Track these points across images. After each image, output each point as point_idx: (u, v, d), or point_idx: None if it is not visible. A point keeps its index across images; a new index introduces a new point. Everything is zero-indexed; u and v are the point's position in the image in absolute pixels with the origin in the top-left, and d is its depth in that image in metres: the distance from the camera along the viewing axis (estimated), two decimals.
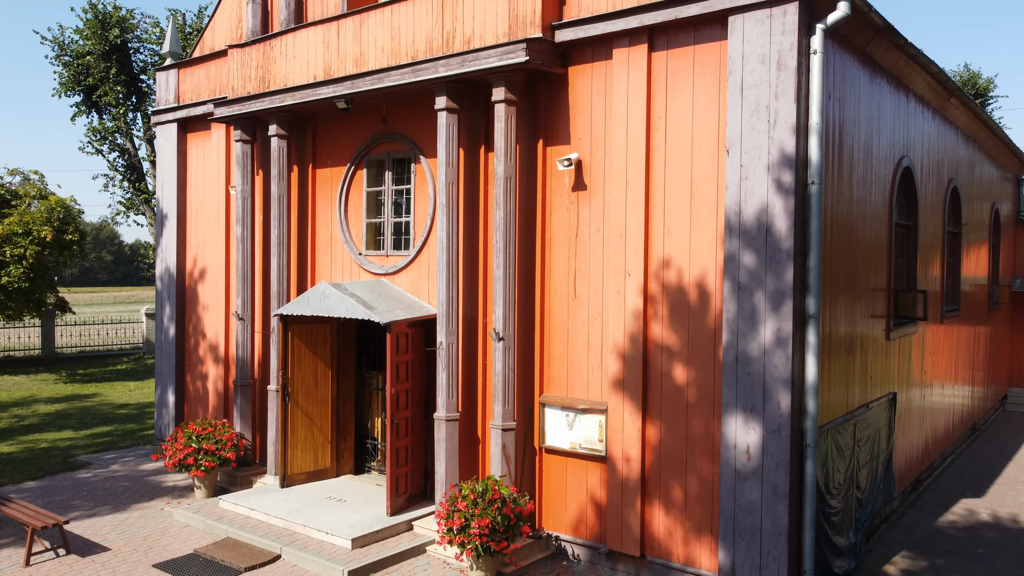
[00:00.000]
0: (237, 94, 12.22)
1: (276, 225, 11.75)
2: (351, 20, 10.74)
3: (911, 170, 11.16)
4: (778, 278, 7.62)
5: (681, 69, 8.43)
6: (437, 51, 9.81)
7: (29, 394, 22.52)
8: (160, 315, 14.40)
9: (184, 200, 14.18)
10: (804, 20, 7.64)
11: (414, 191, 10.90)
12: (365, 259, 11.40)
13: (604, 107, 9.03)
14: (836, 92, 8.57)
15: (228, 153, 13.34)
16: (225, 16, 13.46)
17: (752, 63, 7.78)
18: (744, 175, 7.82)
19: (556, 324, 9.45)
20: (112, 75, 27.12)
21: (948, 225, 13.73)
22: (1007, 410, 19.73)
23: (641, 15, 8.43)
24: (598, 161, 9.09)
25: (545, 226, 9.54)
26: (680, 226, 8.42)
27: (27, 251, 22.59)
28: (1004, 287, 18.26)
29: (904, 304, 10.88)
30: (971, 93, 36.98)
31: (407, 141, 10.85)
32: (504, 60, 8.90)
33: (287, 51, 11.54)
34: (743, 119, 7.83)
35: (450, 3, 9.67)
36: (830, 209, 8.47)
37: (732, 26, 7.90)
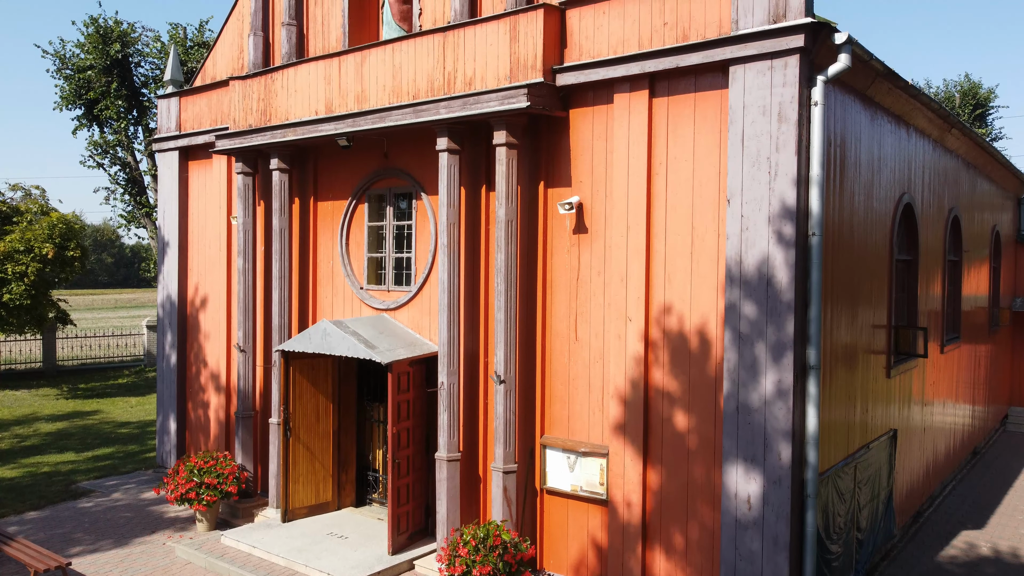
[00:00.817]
0: (239, 126, 12.23)
1: (278, 259, 11.77)
2: (352, 57, 10.76)
3: (912, 206, 11.17)
4: (779, 329, 7.64)
5: (682, 116, 8.44)
6: (439, 91, 9.83)
7: (31, 411, 22.55)
8: (161, 342, 14.43)
9: (186, 228, 14.20)
10: (805, 71, 7.65)
11: (415, 227, 10.91)
12: (366, 293, 11.42)
13: (605, 151, 9.05)
14: (836, 138, 8.58)
15: (230, 182, 13.36)
16: (226, 46, 13.49)
17: (753, 114, 7.79)
18: (745, 225, 7.83)
19: (557, 366, 9.47)
20: (113, 90, 27.15)
21: (949, 254, 13.74)
22: (1008, 430, 19.73)
23: (642, 62, 8.45)
24: (599, 204, 9.11)
25: (546, 267, 9.56)
26: (681, 273, 8.44)
27: (29, 268, 22.63)
28: (1004, 310, 18.27)
29: (904, 340, 10.89)
30: (971, 104, 37.05)
31: (408, 177, 10.87)
32: (505, 105, 8.92)
33: (288, 85, 11.56)
34: (744, 170, 7.84)
35: (451, 44, 9.69)
36: (831, 253, 8.49)
37: (733, 76, 7.92)
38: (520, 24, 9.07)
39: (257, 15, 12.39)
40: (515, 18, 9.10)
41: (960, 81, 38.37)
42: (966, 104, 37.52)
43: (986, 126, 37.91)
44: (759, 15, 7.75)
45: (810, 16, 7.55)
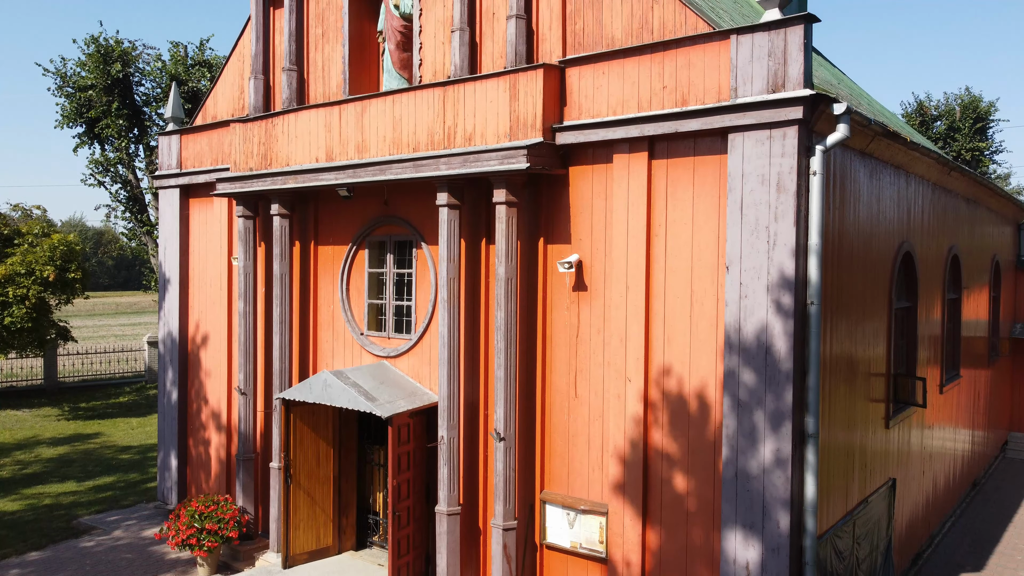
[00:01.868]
0: (239, 168, 12.27)
1: (278, 304, 11.80)
2: (353, 106, 10.79)
3: (911, 254, 11.20)
4: (778, 398, 7.66)
5: (681, 179, 8.47)
6: (439, 145, 9.86)
7: (32, 434, 22.60)
8: (163, 378, 14.46)
9: (186, 265, 14.23)
10: (804, 141, 7.68)
11: (415, 275, 10.95)
12: (367, 339, 11.45)
13: (605, 210, 9.08)
14: (836, 200, 8.61)
15: (230, 222, 13.40)
16: (227, 85, 13.52)
17: (752, 182, 7.82)
18: (744, 293, 7.86)
19: (557, 422, 9.50)
20: (114, 109, 27.18)
21: (948, 292, 13.76)
22: (1007, 456, 19.76)
23: (641, 125, 8.48)
24: (599, 263, 9.14)
25: (546, 323, 9.59)
26: (680, 335, 8.47)
27: (30, 291, 22.67)
28: (1004, 339, 18.29)
29: (903, 389, 10.92)
30: (972, 117, 37.05)
31: (408, 226, 10.90)
32: (505, 165, 8.95)
33: (289, 130, 11.59)
34: (743, 237, 7.87)
35: (451, 99, 9.72)
36: (831, 310, 8.52)
37: (732, 144, 7.94)
38: (520, 83, 9.10)
39: (258, 58, 12.43)
40: (515, 76, 9.13)
41: (961, 94, 38.35)
42: (966, 117, 37.50)
43: (986, 139, 37.90)
44: (758, 84, 7.77)
45: (809, 87, 7.58)
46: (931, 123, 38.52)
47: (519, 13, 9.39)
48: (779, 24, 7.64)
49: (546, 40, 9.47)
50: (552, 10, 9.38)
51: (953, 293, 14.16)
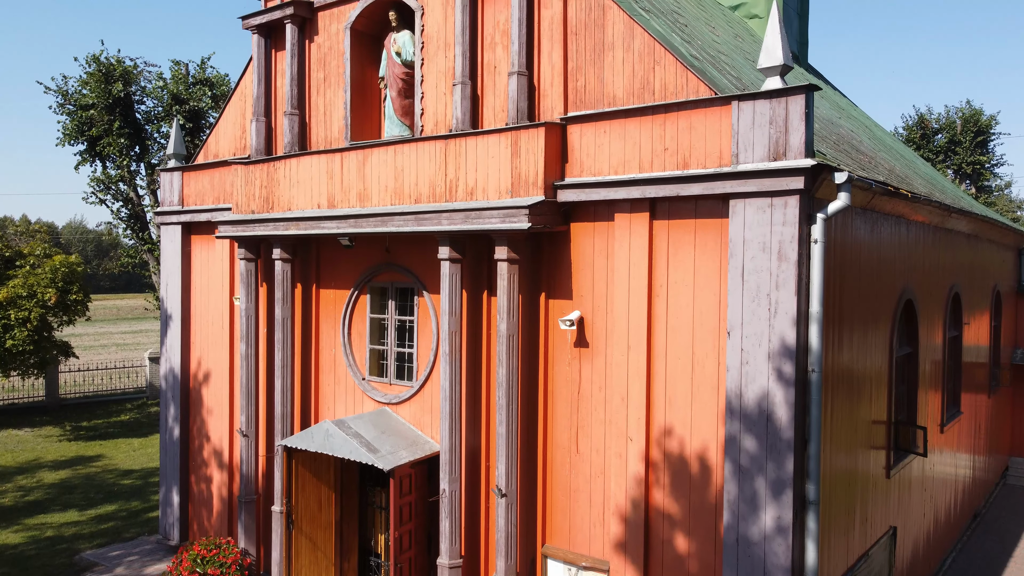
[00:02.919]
0: (241, 210, 12.29)
1: (280, 348, 11.82)
2: (354, 155, 10.81)
3: (912, 301, 11.21)
4: (779, 467, 7.68)
5: (683, 241, 8.49)
6: (440, 197, 9.88)
7: (34, 456, 22.63)
8: (164, 415, 14.49)
9: (188, 302, 14.26)
10: (805, 209, 7.69)
11: (417, 323, 10.96)
12: (368, 385, 11.47)
13: (606, 268, 9.09)
14: (836, 260, 8.63)
15: (232, 261, 13.42)
16: (229, 124, 13.53)
17: (753, 249, 7.83)
18: (745, 359, 7.88)
19: (559, 477, 9.52)
20: (115, 128, 27.21)
21: (949, 331, 13.77)
22: (1008, 483, 19.76)
23: (643, 187, 8.50)
24: (600, 320, 9.15)
25: (548, 378, 9.60)
26: (682, 397, 8.49)
27: (31, 313, 22.72)
28: (1004, 370, 18.30)
29: (904, 437, 10.93)
30: (972, 131, 37.04)
31: (410, 274, 10.92)
32: (507, 223, 8.97)
33: (291, 175, 11.61)
34: (744, 304, 7.89)
35: (453, 153, 9.74)
36: (831, 373, 8.54)
37: (733, 210, 7.96)
38: (522, 140, 9.11)
39: (260, 101, 12.44)
40: (516, 133, 9.15)
41: (962, 107, 38.37)
42: (967, 131, 37.52)
43: (987, 152, 37.91)
44: (759, 151, 7.79)
45: (810, 155, 7.60)
46: (932, 136, 38.53)
47: (520, 70, 9.41)
48: (780, 93, 7.65)
49: (547, 96, 9.48)
50: (554, 67, 9.40)
51: (954, 330, 14.17)
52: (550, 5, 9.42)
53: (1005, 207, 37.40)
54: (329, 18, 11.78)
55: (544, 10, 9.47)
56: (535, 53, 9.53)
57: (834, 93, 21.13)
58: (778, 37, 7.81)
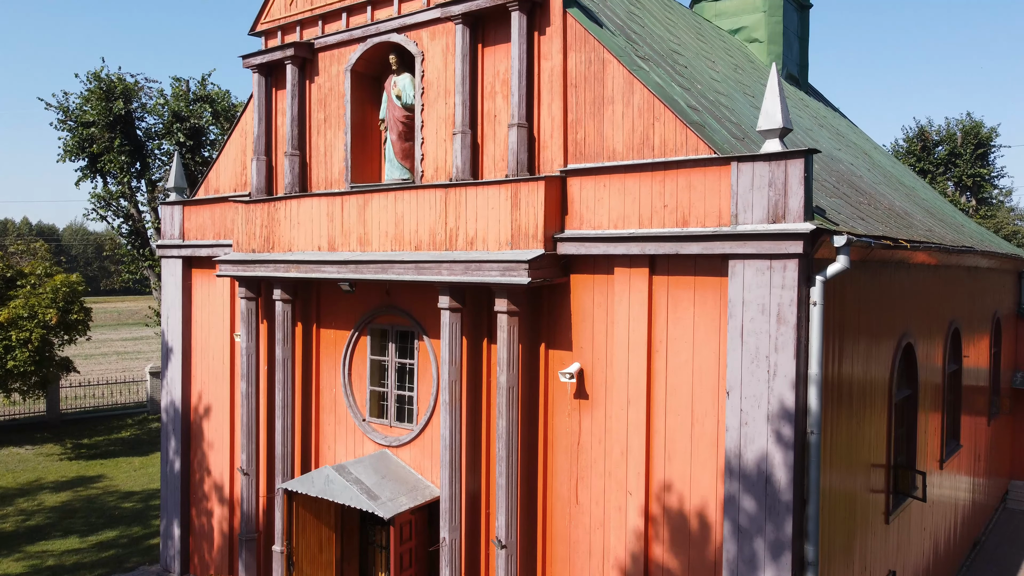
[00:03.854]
0: (242, 248, 12.31)
1: (280, 389, 11.85)
2: (355, 199, 10.83)
3: (912, 345, 11.23)
4: (778, 528, 7.70)
5: (682, 297, 8.51)
6: (440, 245, 9.90)
7: (35, 477, 22.65)
8: (165, 447, 14.52)
9: (189, 335, 14.28)
10: (804, 271, 7.71)
11: (417, 366, 10.99)
12: (369, 426, 11.50)
13: (606, 321, 9.11)
14: (835, 316, 8.65)
15: (233, 295, 13.45)
16: (229, 160, 13.56)
17: (752, 311, 7.85)
18: (744, 420, 7.90)
19: (558, 528, 9.54)
20: (116, 145, 27.25)
21: (949, 366, 13.78)
22: (1008, 508, 19.77)
23: (642, 244, 8.52)
24: (600, 372, 9.18)
25: (548, 428, 9.63)
26: (681, 453, 8.51)
27: (33, 334, 22.76)
28: (1005, 398, 18.31)
29: (903, 481, 10.95)
30: (973, 143, 37.03)
31: (410, 317, 10.94)
32: (507, 277, 8.99)
33: (291, 216, 11.64)
34: (743, 365, 7.91)
35: (453, 202, 9.76)
36: (830, 425, 8.56)
37: (733, 270, 7.98)
38: (521, 192, 9.14)
39: (260, 140, 12.47)
40: (516, 186, 9.17)
41: (962, 119, 38.37)
42: (968, 143, 37.51)
43: (988, 165, 37.90)
44: (758, 212, 7.81)
45: (809, 219, 7.62)
46: (932, 149, 38.54)
47: (520, 122, 9.43)
48: (779, 156, 7.67)
49: (547, 147, 9.51)
50: (553, 119, 9.42)
51: (954, 364, 14.18)
52: (550, 57, 9.44)
53: (1005, 219, 37.40)
54: (329, 59, 11.80)
55: (544, 62, 9.50)
56: (535, 105, 9.56)
57: (833, 115, 21.15)
58: (777, 100, 7.83)
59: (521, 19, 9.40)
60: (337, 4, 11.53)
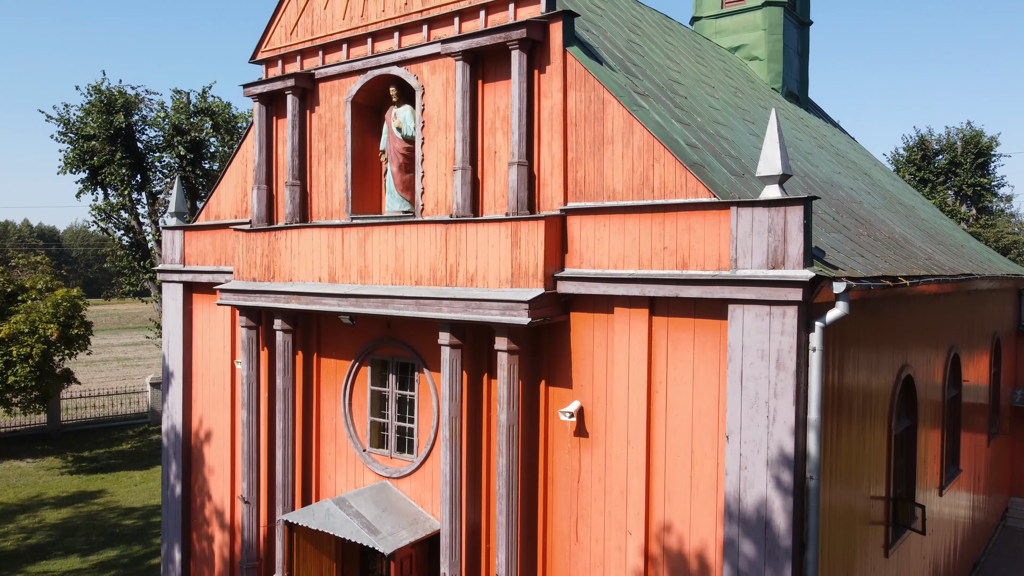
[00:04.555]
0: (242, 277, 12.34)
1: (281, 418, 11.87)
2: (355, 231, 10.86)
3: (911, 377, 11.25)
4: (777, 573, 7.72)
5: (682, 339, 8.53)
6: (441, 281, 9.92)
7: (36, 492, 22.69)
8: (166, 471, 14.54)
9: (190, 360, 14.31)
10: (803, 318, 7.73)
11: (418, 399, 11.01)
12: (369, 456, 11.52)
13: (606, 360, 9.14)
14: (835, 358, 8.67)
15: (233, 323, 13.47)
16: (230, 187, 13.58)
17: (751, 356, 7.88)
18: (743, 464, 7.92)
19: (558, 565, 9.56)
20: (117, 159, 27.28)
21: (948, 391, 13.80)
22: (1008, 525, 19.78)
23: (642, 285, 8.54)
24: (600, 411, 9.20)
25: (548, 465, 9.65)
26: (681, 494, 8.53)
27: (33, 349, 22.80)
28: (1004, 419, 18.33)
29: (903, 513, 10.97)
30: (973, 153, 37.02)
31: (410, 350, 10.96)
32: (507, 317, 9.01)
33: (292, 246, 11.66)
34: (743, 409, 7.93)
35: (453, 238, 9.78)
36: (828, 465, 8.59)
37: (732, 314, 8.00)
38: (521, 231, 9.16)
39: (261, 168, 12.49)
40: (516, 224, 9.19)
41: (962, 128, 38.38)
42: (968, 152, 37.52)
43: (988, 174, 37.92)
44: (758, 258, 7.84)
45: (809, 266, 7.64)
46: (932, 158, 38.55)
47: (521, 160, 9.45)
48: (779, 203, 7.70)
49: (547, 185, 9.53)
50: (553, 157, 9.45)
51: (954, 390, 14.20)
52: (550, 95, 9.46)
53: (1005, 227, 37.41)
54: (330, 90, 11.82)
55: (544, 100, 9.52)
56: (535, 143, 9.58)
57: (833, 133, 21.16)
58: (777, 146, 7.86)
59: (521, 58, 9.43)
60: (338, 36, 11.56)
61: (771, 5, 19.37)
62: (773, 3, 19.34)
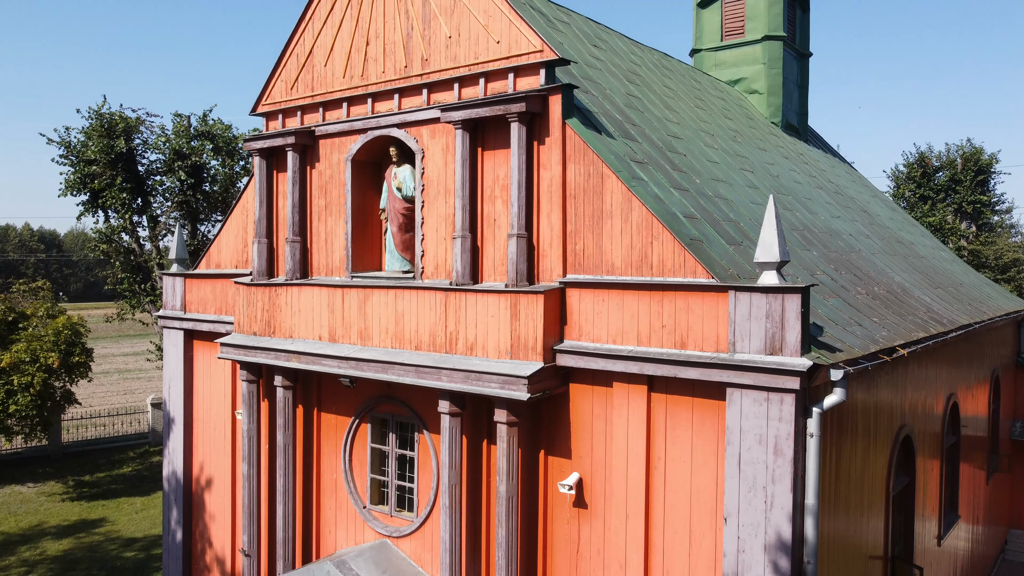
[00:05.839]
0: (243, 330, 12.39)
1: (282, 474, 11.92)
2: (355, 293, 10.90)
3: (910, 437, 11.29)
4: None
5: (680, 417, 8.57)
6: (440, 348, 9.97)
7: (37, 521, 22.74)
8: (167, 516, 14.60)
9: (191, 407, 14.36)
10: (801, 403, 7.77)
11: (418, 459, 11.05)
12: (369, 514, 11.57)
13: (605, 432, 9.18)
14: (832, 436, 8.71)
15: (234, 373, 13.52)
16: (231, 236, 13.63)
17: (749, 440, 7.92)
18: (741, 547, 7.96)
19: None
20: (118, 183, 27.33)
21: (947, 439, 13.84)
22: (1006, 559, 19.82)
23: (641, 364, 8.58)
24: (599, 483, 9.24)
25: (547, 534, 9.69)
26: (679, 572, 8.57)
27: (34, 378, 22.86)
28: (1004, 456, 18.35)
29: (901, 573, 11.00)
30: (973, 170, 37.05)
31: (410, 410, 11.00)
32: (506, 391, 9.05)
33: (292, 303, 11.71)
34: (740, 493, 7.97)
35: (453, 306, 9.82)
36: (826, 535, 8.63)
37: (730, 398, 8.04)
38: (521, 304, 9.20)
39: (261, 223, 12.53)
40: (516, 297, 9.24)
41: (962, 145, 38.41)
42: (968, 170, 37.55)
43: (988, 192, 37.95)
44: (756, 343, 7.88)
45: (807, 352, 7.68)
46: (932, 175, 38.58)
47: (520, 232, 9.49)
48: (777, 290, 7.74)
49: (547, 256, 9.57)
50: (553, 229, 9.48)
51: (952, 437, 14.23)
52: (549, 167, 9.50)
53: (1005, 246, 37.43)
54: (330, 147, 11.87)
55: (543, 171, 9.56)
56: (535, 213, 9.62)
57: (831, 165, 21.20)
58: (774, 232, 7.90)
59: (520, 130, 9.46)
60: (338, 94, 11.60)
61: (771, 39, 19.41)
62: (773, 37, 19.38)
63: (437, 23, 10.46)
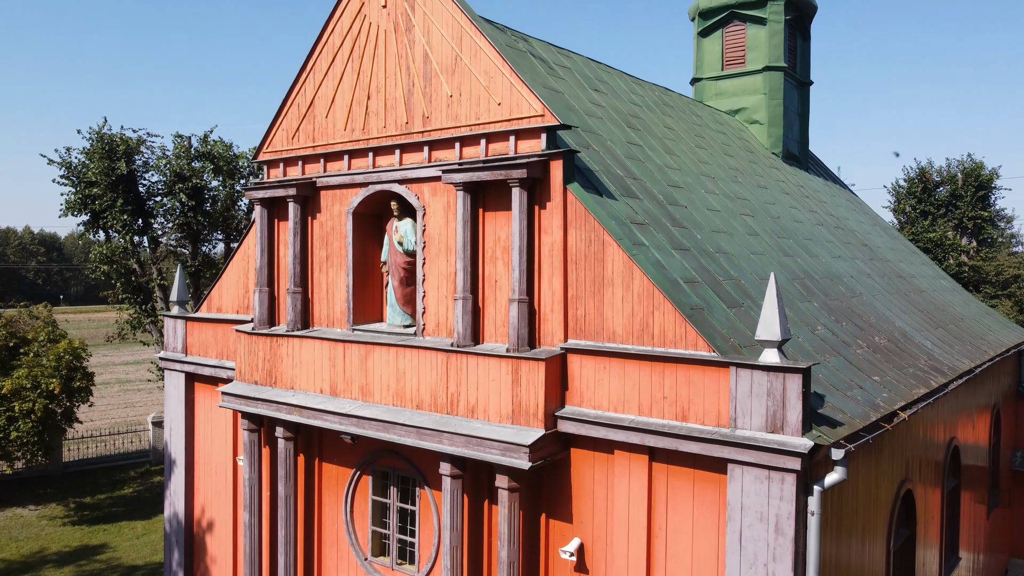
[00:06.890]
0: (244, 378, 12.40)
1: (283, 526, 11.93)
2: (356, 348, 10.91)
3: (911, 492, 11.30)
4: None
5: (681, 488, 8.58)
6: (442, 408, 9.98)
7: (38, 547, 22.72)
8: (169, 558, 14.62)
9: (192, 449, 14.38)
10: (802, 482, 7.79)
11: (419, 513, 11.06)
12: (371, 566, 11.58)
13: (606, 500, 9.19)
14: (835, 507, 8.72)
15: (235, 417, 13.52)
16: (231, 282, 13.64)
17: (750, 517, 7.93)
18: None
19: None
20: (119, 205, 27.33)
21: (948, 483, 13.84)
22: None
23: (642, 435, 8.59)
24: (600, 549, 9.25)
25: None
26: None
27: (36, 405, 22.86)
28: (1004, 492, 18.35)
29: None
30: (974, 185, 37.04)
31: (411, 465, 11.01)
32: (507, 458, 9.06)
33: (294, 354, 11.72)
34: (742, 569, 7.98)
35: (454, 368, 9.83)
36: None
37: (731, 474, 8.05)
38: (522, 370, 9.21)
39: (263, 272, 12.54)
40: (517, 363, 9.25)
41: (963, 160, 38.38)
42: (968, 185, 37.53)
43: (989, 208, 37.93)
44: (757, 420, 7.89)
45: (807, 432, 7.69)
46: (933, 190, 38.57)
47: (521, 297, 9.50)
48: (778, 369, 7.74)
49: (548, 320, 9.57)
50: (554, 293, 9.49)
51: (953, 480, 14.24)
52: (550, 232, 9.51)
53: (1006, 261, 37.40)
54: (332, 198, 11.87)
55: (544, 235, 9.56)
56: (536, 277, 9.62)
57: (831, 194, 21.20)
58: (776, 312, 7.90)
59: (522, 195, 9.47)
60: (339, 146, 11.60)
61: (771, 70, 19.41)
62: (774, 68, 19.39)
63: (438, 81, 10.46)
